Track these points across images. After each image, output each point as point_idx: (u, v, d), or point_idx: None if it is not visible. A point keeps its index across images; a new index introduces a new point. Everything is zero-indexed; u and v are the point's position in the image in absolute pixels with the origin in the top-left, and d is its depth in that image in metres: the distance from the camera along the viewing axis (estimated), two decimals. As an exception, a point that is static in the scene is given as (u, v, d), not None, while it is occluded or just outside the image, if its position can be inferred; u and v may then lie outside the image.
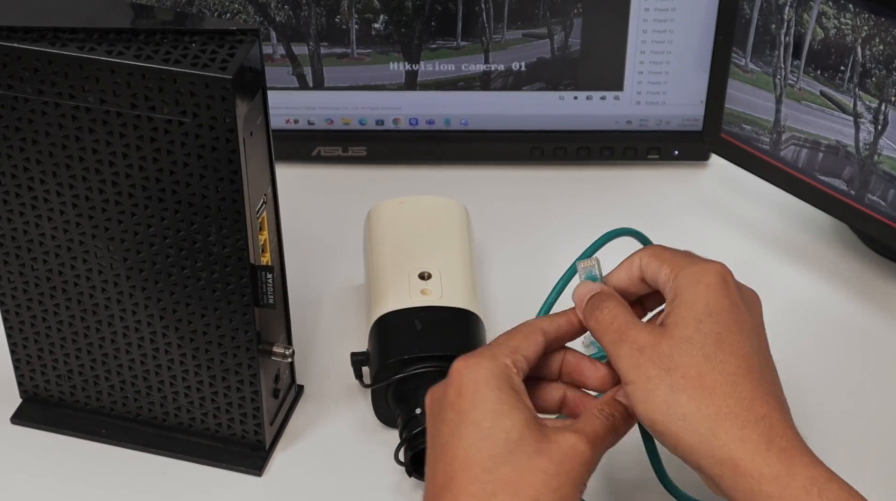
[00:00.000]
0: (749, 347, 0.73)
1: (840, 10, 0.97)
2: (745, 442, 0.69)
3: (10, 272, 0.87)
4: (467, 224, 1.02)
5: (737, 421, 0.70)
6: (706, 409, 0.70)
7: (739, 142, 1.09)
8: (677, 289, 0.75)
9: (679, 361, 0.72)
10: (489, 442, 0.70)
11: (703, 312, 0.73)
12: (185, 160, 0.78)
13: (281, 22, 1.11)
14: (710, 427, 0.70)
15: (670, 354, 0.72)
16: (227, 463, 0.91)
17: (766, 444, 0.69)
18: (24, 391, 0.94)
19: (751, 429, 0.70)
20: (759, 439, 0.69)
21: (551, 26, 1.12)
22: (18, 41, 0.77)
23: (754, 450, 0.69)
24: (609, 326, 0.76)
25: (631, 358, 0.73)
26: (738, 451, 0.69)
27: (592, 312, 0.77)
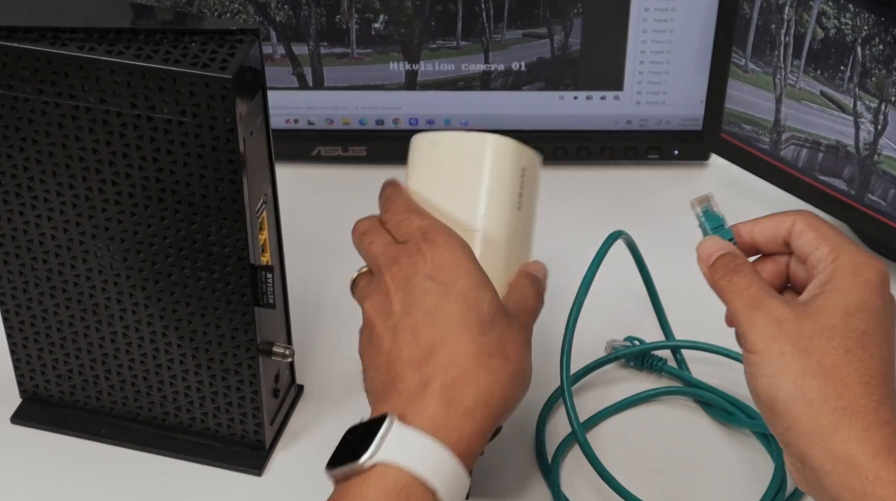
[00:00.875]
0: (889, 353, 0.71)
1: (840, 10, 0.97)
2: (866, 443, 0.68)
3: (10, 272, 0.87)
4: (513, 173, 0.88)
5: (862, 421, 0.68)
6: (835, 401, 0.69)
7: (739, 142, 1.09)
8: (834, 274, 0.72)
9: (818, 346, 0.70)
10: (477, 310, 0.76)
11: (856, 306, 0.71)
12: (185, 160, 0.78)
13: (281, 22, 1.11)
14: (835, 420, 0.68)
15: (810, 336, 0.70)
16: (227, 463, 0.91)
17: (888, 449, 0.68)
18: (24, 391, 0.94)
19: (875, 431, 0.68)
20: (881, 442, 0.68)
21: (551, 26, 1.12)
22: (18, 41, 0.76)
23: (875, 452, 0.68)
24: (745, 290, 0.73)
25: (766, 328, 0.71)
26: (858, 450, 0.68)
27: (726, 273, 0.74)
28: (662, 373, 0.97)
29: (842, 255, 0.73)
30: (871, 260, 0.73)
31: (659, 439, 0.93)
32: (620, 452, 0.91)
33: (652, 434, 0.94)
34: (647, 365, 0.97)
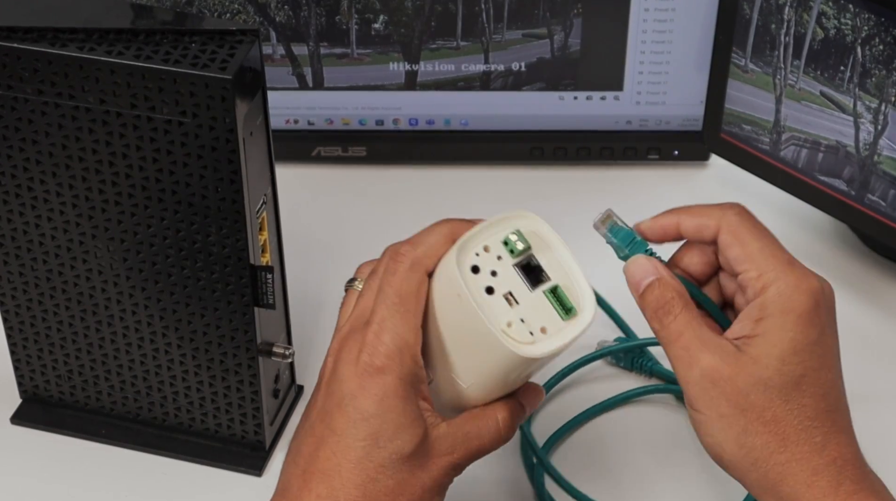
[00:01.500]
0: (828, 384, 0.69)
1: (840, 10, 0.97)
2: (812, 488, 0.68)
3: (10, 272, 0.87)
4: None
5: (808, 467, 0.68)
6: (779, 455, 0.68)
7: (739, 142, 1.09)
8: (764, 311, 0.69)
9: (756, 401, 0.68)
10: (383, 453, 0.70)
11: (790, 351, 0.68)
12: (185, 160, 0.78)
13: (281, 22, 1.11)
14: (780, 473, 0.69)
15: (747, 393, 0.68)
16: (227, 463, 0.91)
17: (835, 488, 0.68)
18: (24, 391, 0.94)
19: (821, 474, 0.68)
20: (827, 484, 0.68)
21: (551, 26, 1.12)
22: (18, 41, 0.77)
23: (822, 496, 0.68)
24: (678, 339, 0.70)
25: (703, 388, 0.69)
26: (806, 496, 0.68)
27: (657, 313, 0.71)
28: (652, 374, 0.97)
29: (770, 286, 0.69)
30: (801, 285, 0.69)
31: (644, 438, 0.93)
32: (603, 454, 0.91)
33: (637, 434, 0.94)
34: (636, 365, 0.97)
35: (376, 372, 0.70)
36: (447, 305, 0.72)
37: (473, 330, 0.71)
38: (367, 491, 0.70)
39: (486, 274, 0.71)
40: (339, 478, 0.70)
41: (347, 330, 0.73)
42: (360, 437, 0.70)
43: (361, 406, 0.70)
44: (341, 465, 0.70)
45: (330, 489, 0.70)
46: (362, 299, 0.74)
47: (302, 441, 0.73)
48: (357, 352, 0.71)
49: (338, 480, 0.70)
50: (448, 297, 0.72)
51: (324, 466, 0.70)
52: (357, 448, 0.70)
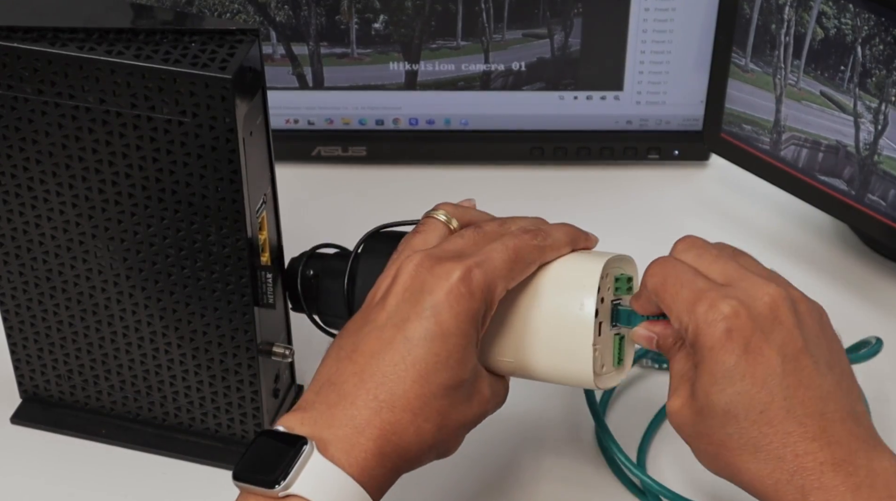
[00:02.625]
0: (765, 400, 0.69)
1: (840, 10, 0.97)
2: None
3: (10, 272, 0.87)
4: None
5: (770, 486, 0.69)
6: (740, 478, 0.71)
7: (739, 142, 1.09)
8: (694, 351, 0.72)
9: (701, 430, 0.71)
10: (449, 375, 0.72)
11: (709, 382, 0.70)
12: (185, 160, 0.78)
13: (281, 22, 1.11)
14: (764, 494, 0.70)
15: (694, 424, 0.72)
16: (228, 463, 0.90)
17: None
18: (24, 391, 0.94)
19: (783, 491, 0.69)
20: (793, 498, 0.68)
21: (551, 26, 1.12)
22: (18, 41, 0.77)
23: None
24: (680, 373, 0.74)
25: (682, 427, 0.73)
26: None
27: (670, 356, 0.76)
28: None
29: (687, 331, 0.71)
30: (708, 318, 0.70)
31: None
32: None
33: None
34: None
35: (468, 296, 0.72)
36: (557, 299, 0.76)
37: (570, 336, 0.75)
38: (420, 407, 0.71)
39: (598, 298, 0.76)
40: (402, 387, 0.71)
41: (437, 254, 0.74)
42: (433, 351, 0.71)
43: (445, 321, 0.71)
44: (407, 374, 0.71)
45: (390, 395, 0.71)
46: (459, 239, 0.76)
47: (362, 339, 0.73)
48: (453, 274, 0.72)
49: (399, 388, 0.71)
50: (565, 293, 0.76)
51: (387, 371, 0.71)
52: (427, 363, 0.71)
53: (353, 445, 0.70)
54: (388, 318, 0.73)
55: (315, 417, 0.71)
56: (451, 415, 0.72)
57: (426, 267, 0.73)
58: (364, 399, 0.71)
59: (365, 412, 0.70)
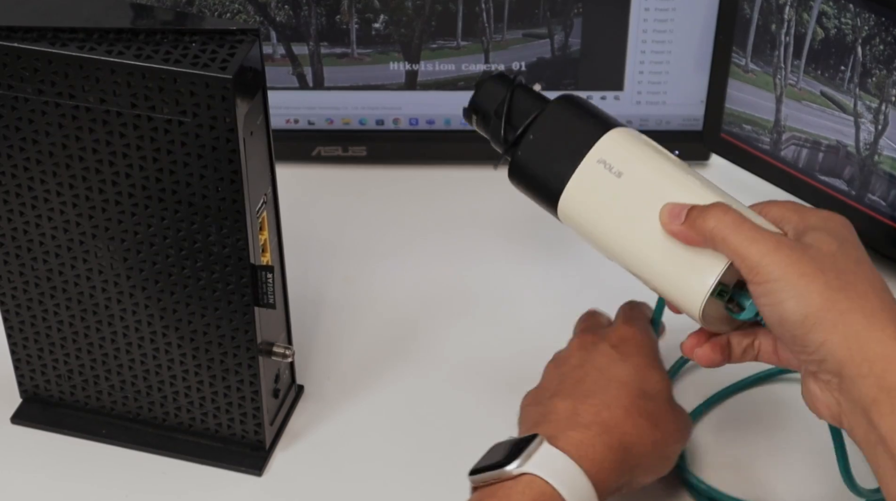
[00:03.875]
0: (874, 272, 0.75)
1: (840, 10, 0.97)
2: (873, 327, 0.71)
3: (10, 272, 0.87)
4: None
5: (890, 323, 0.71)
6: (863, 310, 0.71)
7: (739, 142, 1.09)
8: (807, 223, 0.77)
9: (830, 266, 0.73)
10: (643, 381, 0.83)
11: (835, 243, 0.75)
12: (185, 160, 0.78)
13: (281, 22, 1.11)
14: (867, 325, 0.71)
15: (820, 260, 0.73)
16: (227, 463, 0.91)
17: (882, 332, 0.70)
18: (24, 391, 0.94)
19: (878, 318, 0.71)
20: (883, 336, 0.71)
21: (551, 26, 1.12)
22: (18, 41, 0.77)
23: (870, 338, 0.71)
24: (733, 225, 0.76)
25: (778, 255, 0.73)
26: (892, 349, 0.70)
27: (702, 214, 0.77)
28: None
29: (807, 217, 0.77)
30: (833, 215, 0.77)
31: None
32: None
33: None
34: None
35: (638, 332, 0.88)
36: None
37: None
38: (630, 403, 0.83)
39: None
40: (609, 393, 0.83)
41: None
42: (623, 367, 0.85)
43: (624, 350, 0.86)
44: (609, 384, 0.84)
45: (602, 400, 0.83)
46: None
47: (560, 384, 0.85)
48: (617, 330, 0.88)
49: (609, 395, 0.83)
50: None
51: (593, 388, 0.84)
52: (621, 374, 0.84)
53: (581, 440, 0.79)
54: (578, 362, 0.85)
55: (540, 429, 0.80)
56: (661, 416, 0.83)
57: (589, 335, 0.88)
58: (582, 407, 0.81)
59: (586, 415, 0.80)
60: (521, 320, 1.02)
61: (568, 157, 0.85)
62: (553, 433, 0.79)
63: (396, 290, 1.04)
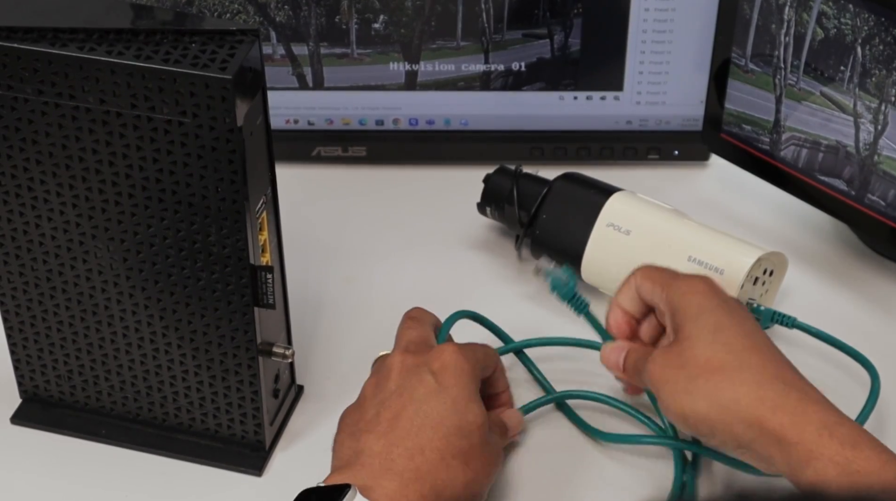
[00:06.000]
0: (748, 327, 0.80)
1: (840, 10, 0.97)
2: (764, 400, 0.76)
3: (10, 272, 0.87)
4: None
5: (753, 386, 0.76)
6: (722, 383, 0.77)
7: (739, 142, 1.09)
8: (671, 302, 0.82)
9: (689, 356, 0.79)
10: (460, 417, 0.82)
11: (698, 311, 0.80)
12: (185, 160, 0.78)
13: (281, 22, 1.11)
14: (732, 397, 0.76)
15: (680, 353, 0.79)
16: (227, 463, 0.91)
17: (784, 397, 0.76)
18: (24, 391, 0.94)
19: (767, 389, 0.76)
20: (775, 395, 0.76)
21: (551, 26, 1.12)
22: (18, 41, 0.77)
23: (773, 405, 0.75)
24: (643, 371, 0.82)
25: (655, 372, 0.80)
26: (760, 408, 0.75)
27: (636, 373, 0.84)
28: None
29: (671, 286, 0.83)
30: (696, 278, 0.83)
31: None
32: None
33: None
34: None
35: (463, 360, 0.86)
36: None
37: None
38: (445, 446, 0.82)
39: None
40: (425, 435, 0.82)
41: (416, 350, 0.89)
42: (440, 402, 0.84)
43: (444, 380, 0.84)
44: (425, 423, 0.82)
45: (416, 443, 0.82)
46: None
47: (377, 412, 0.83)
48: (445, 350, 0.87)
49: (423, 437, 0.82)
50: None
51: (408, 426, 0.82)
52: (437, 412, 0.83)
53: (395, 491, 0.78)
54: (397, 388, 0.83)
55: (353, 474, 0.79)
56: (474, 455, 0.82)
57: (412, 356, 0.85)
58: (396, 451, 0.80)
59: (400, 461, 0.79)
60: (521, 320, 1.02)
61: (581, 227, 0.99)
62: (367, 483, 0.78)
63: (396, 290, 1.04)
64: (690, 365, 0.78)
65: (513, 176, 1.05)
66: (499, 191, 1.05)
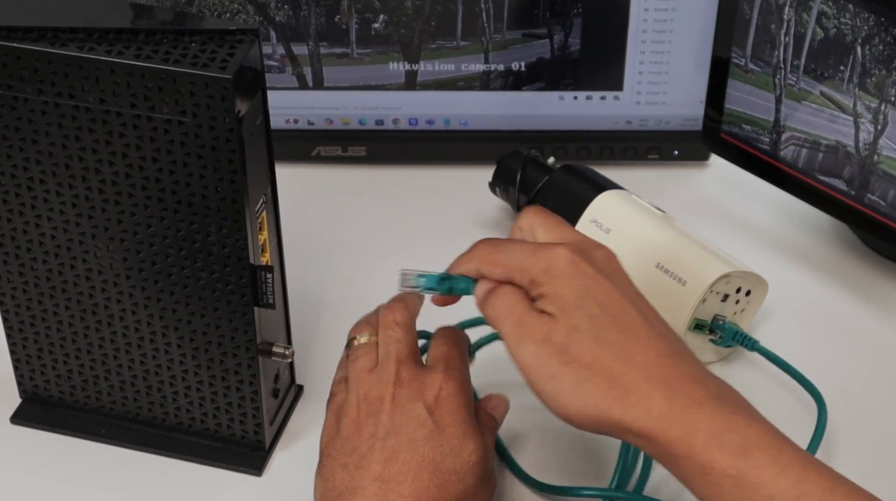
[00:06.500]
0: (626, 316, 0.74)
1: (840, 10, 0.97)
2: (650, 412, 0.71)
3: (10, 272, 0.87)
4: None
5: (640, 394, 0.71)
6: (612, 391, 0.72)
7: (739, 142, 1.09)
8: (536, 288, 0.75)
9: (575, 352, 0.73)
10: (455, 460, 0.78)
11: (573, 298, 0.74)
12: (184, 160, 0.78)
13: (281, 22, 1.11)
14: (620, 408, 0.72)
15: (565, 347, 0.73)
16: (227, 463, 0.91)
17: (669, 407, 0.71)
18: (24, 391, 0.94)
19: (652, 398, 0.71)
20: (661, 405, 0.71)
21: (551, 26, 1.12)
22: (18, 41, 0.76)
23: (659, 417, 0.71)
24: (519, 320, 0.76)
25: (532, 356, 0.74)
26: (647, 422, 0.71)
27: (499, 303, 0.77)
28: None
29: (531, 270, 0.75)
30: (554, 255, 0.75)
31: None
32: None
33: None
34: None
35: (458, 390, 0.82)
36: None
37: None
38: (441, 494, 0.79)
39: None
40: (422, 480, 0.78)
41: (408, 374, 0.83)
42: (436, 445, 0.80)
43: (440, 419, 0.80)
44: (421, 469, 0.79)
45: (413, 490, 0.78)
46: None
47: (369, 450, 0.79)
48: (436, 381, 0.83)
49: (421, 482, 0.78)
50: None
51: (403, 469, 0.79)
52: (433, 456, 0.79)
53: None
54: (391, 426, 0.79)
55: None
56: (468, 495, 0.79)
57: (405, 389, 0.80)
58: (392, 496, 0.77)
59: None
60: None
61: (567, 219, 0.95)
62: None
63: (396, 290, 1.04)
64: (578, 366, 0.72)
65: (522, 160, 1.08)
66: (508, 174, 1.08)
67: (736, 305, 0.96)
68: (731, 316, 0.96)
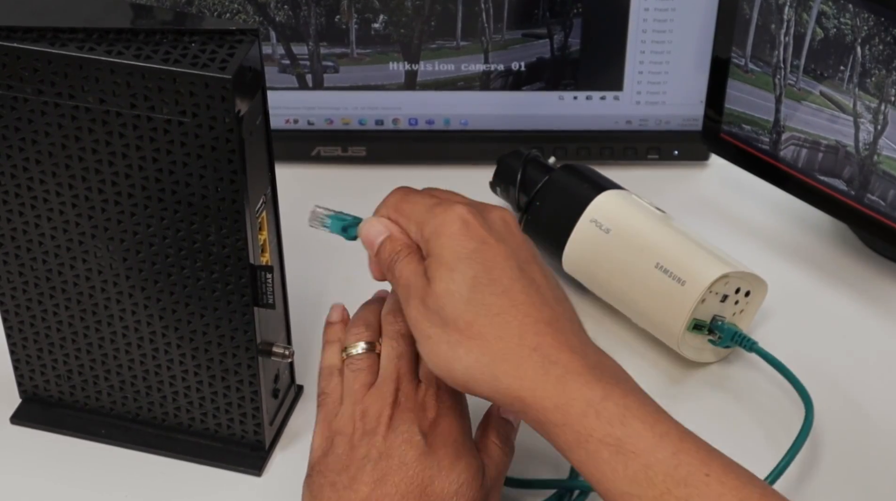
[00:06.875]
0: (508, 280, 0.74)
1: (840, 10, 0.97)
2: (523, 380, 0.71)
3: (10, 272, 0.87)
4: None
5: (511, 361, 0.71)
6: (483, 357, 0.72)
7: (739, 142, 1.09)
8: (426, 244, 0.76)
9: (449, 316, 0.73)
10: (442, 482, 0.77)
11: (453, 260, 0.74)
12: (184, 160, 0.78)
13: (281, 22, 1.11)
14: (492, 373, 0.72)
15: (439, 310, 0.73)
16: (227, 463, 0.91)
17: (543, 375, 0.71)
18: (24, 391, 0.94)
19: (525, 365, 0.71)
20: (534, 373, 0.71)
21: (551, 26, 1.12)
22: (18, 41, 0.77)
23: (532, 385, 0.71)
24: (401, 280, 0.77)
25: (417, 322, 0.75)
26: (520, 389, 0.71)
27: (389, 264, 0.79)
28: None
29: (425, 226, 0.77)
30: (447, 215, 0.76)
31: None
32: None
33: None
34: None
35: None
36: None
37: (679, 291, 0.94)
38: None
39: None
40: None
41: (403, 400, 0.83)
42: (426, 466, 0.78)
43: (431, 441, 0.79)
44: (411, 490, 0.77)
45: None
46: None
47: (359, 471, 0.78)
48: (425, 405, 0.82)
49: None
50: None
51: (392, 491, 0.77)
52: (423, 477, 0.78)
53: None
54: (384, 448, 0.77)
55: None
56: None
57: (403, 412, 0.79)
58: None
59: None
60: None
61: (566, 220, 1.00)
62: None
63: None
64: (451, 329, 0.73)
65: (522, 160, 1.08)
66: (508, 174, 1.08)
67: (735, 306, 0.96)
68: (731, 317, 0.96)
